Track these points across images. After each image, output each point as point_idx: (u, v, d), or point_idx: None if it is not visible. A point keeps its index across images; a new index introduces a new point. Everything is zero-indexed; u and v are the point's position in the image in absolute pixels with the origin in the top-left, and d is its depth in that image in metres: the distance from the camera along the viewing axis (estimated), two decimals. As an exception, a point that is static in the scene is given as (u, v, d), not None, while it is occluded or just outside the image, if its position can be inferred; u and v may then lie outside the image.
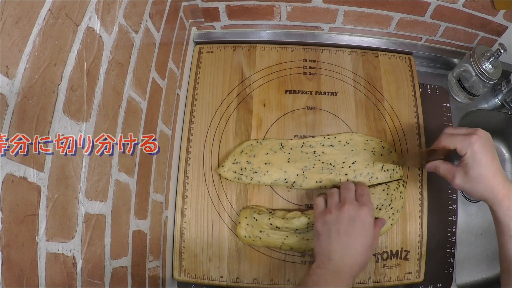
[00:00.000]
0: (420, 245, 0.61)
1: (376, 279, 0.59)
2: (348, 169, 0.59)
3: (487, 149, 0.47)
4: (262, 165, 0.59)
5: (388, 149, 0.61)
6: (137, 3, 0.45)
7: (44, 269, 0.29)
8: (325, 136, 0.62)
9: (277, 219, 0.56)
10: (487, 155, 0.47)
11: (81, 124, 0.34)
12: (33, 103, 0.28)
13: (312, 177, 0.59)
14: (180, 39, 0.63)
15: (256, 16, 0.67)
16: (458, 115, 0.71)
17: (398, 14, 0.65)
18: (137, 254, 0.48)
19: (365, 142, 0.61)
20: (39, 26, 0.28)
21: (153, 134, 0.52)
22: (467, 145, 0.47)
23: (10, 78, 0.26)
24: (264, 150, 0.60)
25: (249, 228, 0.57)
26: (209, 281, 0.59)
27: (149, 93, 0.50)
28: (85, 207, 0.35)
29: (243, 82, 0.67)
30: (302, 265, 0.60)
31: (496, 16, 0.62)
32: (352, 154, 0.60)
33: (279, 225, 0.56)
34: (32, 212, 0.28)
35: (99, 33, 0.36)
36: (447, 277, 0.63)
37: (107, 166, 0.39)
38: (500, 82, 0.70)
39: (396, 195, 0.59)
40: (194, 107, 0.66)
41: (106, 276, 0.40)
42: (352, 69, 0.69)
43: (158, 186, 0.55)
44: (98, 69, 0.37)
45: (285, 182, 0.59)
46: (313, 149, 0.61)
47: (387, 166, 0.60)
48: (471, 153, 0.47)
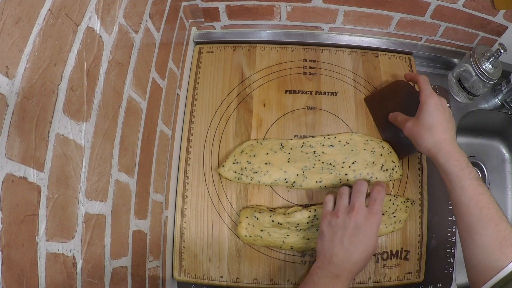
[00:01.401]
0: (420, 245, 0.61)
1: (376, 279, 0.59)
2: (348, 169, 0.59)
3: (443, 110, 0.53)
4: (262, 165, 0.59)
5: (388, 149, 0.61)
6: (137, 3, 0.45)
7: (44, 269, 0.29)
8: (325, 136, 0.62)
9: (278, 215, 0.56)
10: (440, 112, 0.52)
11: (81, 124, 0.34)
12: (33, 103, 0.28)
13: (312, 177, 0.59)
14: (180, 39, 0.63)
15: (256, 16, 0.67)
16: (458, 115, 0.71)
17: (398, 14, 0.65)
18: (137, 254, 0.48)
19: (365, 142, 0.61)
20: (39, 26, 0.28)
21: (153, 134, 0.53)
22: (428, 94, 0.54)
23: (10, 78, 0.26)
24: (264, 150, 0.60)
25: (250, 228, 0.57)
26: (209, 281, 0.59)
27: (149, 93, 0.50)
28: (85, 207, 0.35)
29: (243, 82, 0.67)
30: (302, 265, 0.60)
31: (496, 16, 0.62)
32: (352, 154, 0.60)
33: (281, 221, 0.56)
34: (32, 212, 0.28)
35: (99, 33, 0.36)
36: (447, 277, 0.63)
37: (107, 166, 0.39)
38: (500, 82, 0.70)
39: (402, 207, 0.59)
40: (194, 107, 0.66)
41: (106, 276, 0.40)
42: (352, 69, 0.69)
43: (158, 186, 0.55)
44: (98, 69, 0.37)
45: (285, 182, 0.59)
46: (313, 149, 0.61)
47: (386, 166, 0.60)
48: (427, 103, 0.53)
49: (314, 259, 0.59)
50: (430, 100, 0.53)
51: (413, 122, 0.55)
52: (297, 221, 0.56)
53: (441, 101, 0.54)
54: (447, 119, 0.53)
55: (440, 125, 0.52)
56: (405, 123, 0.56)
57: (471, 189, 0.47)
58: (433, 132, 0.52)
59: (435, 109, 0.52)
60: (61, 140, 0.31)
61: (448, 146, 0.51)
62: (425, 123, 0.53)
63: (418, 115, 0.54)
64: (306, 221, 0.56)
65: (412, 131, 0.54)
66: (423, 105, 0.53)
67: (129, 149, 0.45)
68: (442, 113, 0.53)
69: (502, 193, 0.80)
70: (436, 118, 0.52)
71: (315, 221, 0.56)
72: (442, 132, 0.52)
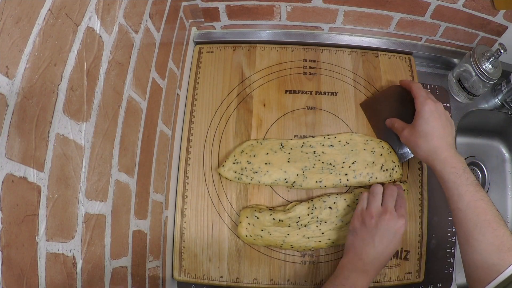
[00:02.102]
0: (420, 245, 0.61)
1: (376, 279, 0.59)
2: (348, 169, 0.59)
3: (438, 115, 0.53)
4: (262, 165, 0.59)
5: (388, 149, 0.61)
6: (137, 3, 0.45)
7: (44, 269, 0.29)
8: (325, 136, 0.62)
9: (278, 212, 0.57)
10: (435, 118, 0.52)
11: (81, 124, 0.34)
12: (33, 103, 0.28)
13: (312, 177, 0.59)
14: (180, 39, 0.63)
15: (256, 16, 0.67)
16: (458, 115, 0.71)
17: (398, 14, 0.65)
18: (137, 254, 0.48)
19: (365, 142, 0.61)
20: (39, 26, 0.28)
21: (153, 134, 0.53)
22: (422, 102, 0.54)
23: (10, 78, 0.26)
24: (264, 150, 0.60)
25: (250, 227, 0.57)
26: (209, 281, 0.59)
27: (149, 93, 0.50)
28: (85, 207, 0.35)
29: (243, 82, 0.67)
30: (302, 265, 0.60)
31: (496, 16, 0.62)
32: (352, 154, 0.60)
33: (282, 218, 0.56)
34: (32, 212, 0.28)
35: (99, 33, 0.36)
36: (447, 277, 0.63)
37: (107, 166, 0.39)
38: (500, 82, 0.70)
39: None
40: (194, 107, 0.66)
41: (106, 276, 0.40)
42: (352, 69, 0.69)
43: (158, 186, 0.55)
44: (98, 69, 0.37)
45: (285, 182, 0.59)
46: (313, 149, 0.61)
47: (386, 166, 0.60)
48: (422, 111, 0.53)
49: (314, 259, 0.60)
50: (425, 107, 0.53)
51: (409, 130, 0.55)
52: (298, 214, 0.57)
53: (437, 107, 0.54)
54: (443, 125, 0.53)
55: (435, 132, 0.52)
56: (402, 131, 0.57)
57: (468, 196, 0.47)
58: (429, 140, 0.52)
59: (430, 115, 0.53)
60: (61, 140, 0.31)
61: (444, 153, 0.51)
62: (421, 131, 0.53)
63: (414, 123, 0.55)
64: (306, 212, 0.57)
65: (408, 139, 0.55)
66: (418, 113, 0.54)
67: (129, 149, 0.45)
68: (437, 119, 0.53)
69: (502, 193, 0.80)
70: (432, 124, 0.52)
71: (314, 211, 0.57)
72: (438, 139, 0.52)
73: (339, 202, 0.58)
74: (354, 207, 0.58)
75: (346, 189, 0.62)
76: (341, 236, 0.58)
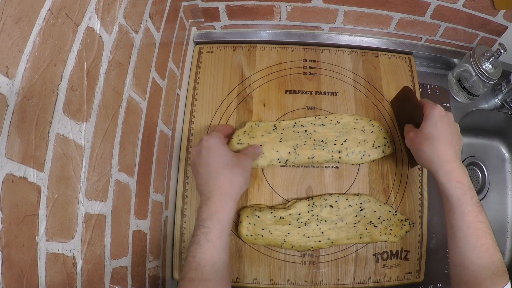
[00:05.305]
0: (420, 245, 0.61)
1: (376, 279, 0.59)
2: (341, 146, 0.60)
3: (448, 122, 0.50)
4: None
5: (378, 127, 0.62)
6: (137, 3, 0.45)
7: (44, 269, 0.29)
8: (316, 116, 0.63)
9: (279, 210, 0.57)
10: (443, 123, 0.50)
11: (81, 124, 0.34)
12: (33, 103, 0.28)
13: (304, 154, 0.59)
14: (180, 39, 0.63)
15: (256, 16, 0.67)
16: (458, 115, 0.71)
17: (398, 14, 0.65)
18: (137, 254, 0.48)
19: (354, 121, 0.62)
20: (39, 26, 0.28)
21: (153, 134, 0.52)
22: (432, 106, 0.51)
23: (10, 78, 0.26)
24: (260, 132, 0.60)
25: (251, 227, 0.57)
26: (209, 281, 0.59)
27: (149, 93, 0.50)
28: (85, 207, 0.35)
29: (243, 82, 0.67)
30: (302, 265, 0.60)
31: (496, 16, 0.62)
32: (344, 132, 0.61)
33: (283, 215, 0.57)
34: (32, 212, 0.28)
35: (99, 33, 0.36)
36: (447, 277, 0.63)
37: (107, 166, 0.39)
38: (500, 82, 0.70)
39: (399, 224, 0.60)
40: (194, 107, 0.66)
41: (106, 276, 0.40)
42: (352, 69, 0.69)
43: (158, 186, 0.55)
44: (98, 69, 0.37)
45: (278, 162, 0.59)
46: (304, 128, 0.61)
47: (378, 142, 0.60)
48: (430, 114, 0.50)
49: (314, 259, 0.60)
50: (434, 111, 0.50)
51: (415, 132, 0.52)
52: (298, 211, 0.57)
53: (447, 114, 0.51)
54: (451, 132, 0.50)
55: (442, 136, 0.49)
56: (407, 133, 0.54)
57: (471, 216, 0.45)
58: (434, 144, 0.48)
59: (439, 119, 0.50)
60: (61, 140, 0.31)
61: (450, 163, 0.47)
62: (427, 133, 0.50)
63: (421, 126, 0.52)
64: (306, 209, 0.57)
65: (413, 141, 0.52)
66: (427, 116, 0.51)
67: (129, 149, 0.45)
68: (446, 124, 0.50)
69: (502, 193, 0.80)
70: (439, 128, 0.49)
71: (315, 209, 0.57)
72: (444, 144, 0.48)
73: (340, 202, 0.59)
74: (355, 208, 0.58)
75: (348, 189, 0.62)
76: (341, 236, 0.58)
